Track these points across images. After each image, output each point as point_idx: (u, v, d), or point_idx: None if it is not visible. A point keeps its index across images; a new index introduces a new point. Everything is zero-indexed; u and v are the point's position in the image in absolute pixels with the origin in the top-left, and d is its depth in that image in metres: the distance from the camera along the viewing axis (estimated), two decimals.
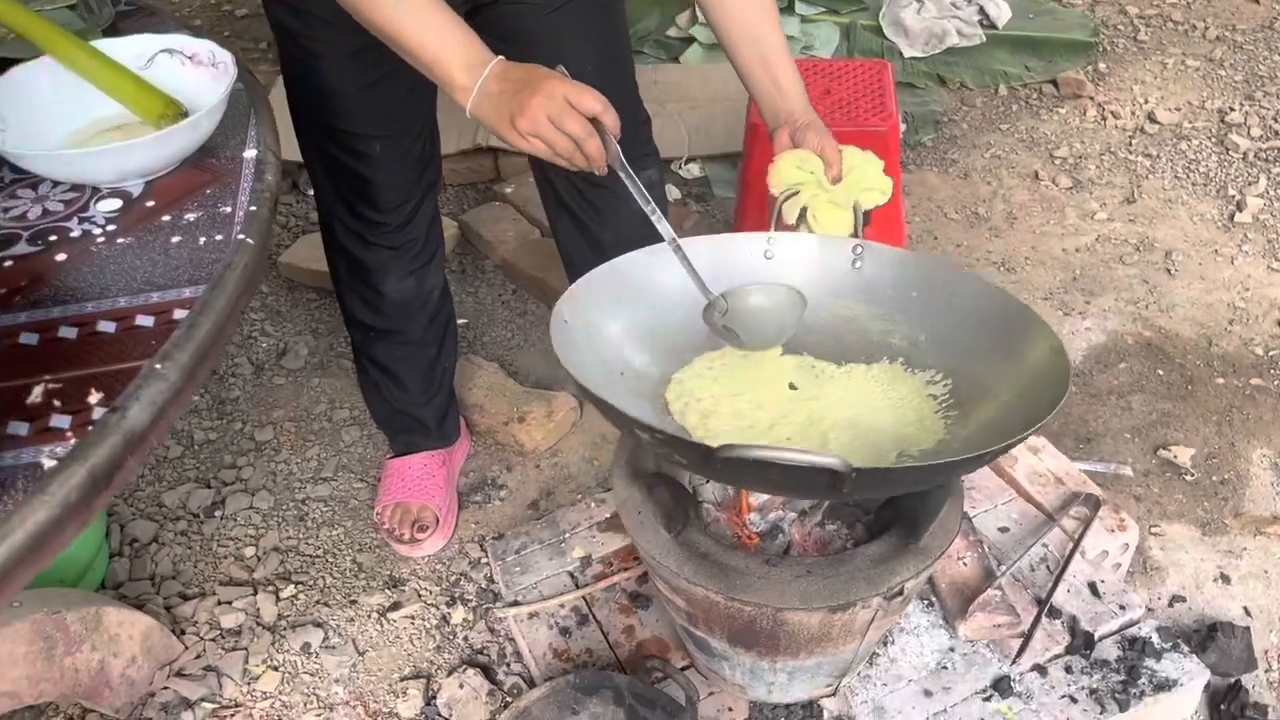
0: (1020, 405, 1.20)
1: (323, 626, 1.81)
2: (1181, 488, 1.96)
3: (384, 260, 1.73)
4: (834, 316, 1.42)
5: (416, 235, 1.73)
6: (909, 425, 1.27)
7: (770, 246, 1.43)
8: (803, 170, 1.41)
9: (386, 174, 1.61)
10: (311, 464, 2.13)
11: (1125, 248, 2.51)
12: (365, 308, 1.79)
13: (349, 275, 1.76)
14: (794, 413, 1.31)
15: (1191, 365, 2.21)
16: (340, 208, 1.68)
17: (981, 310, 1.32)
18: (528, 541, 1.82)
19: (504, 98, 1.18)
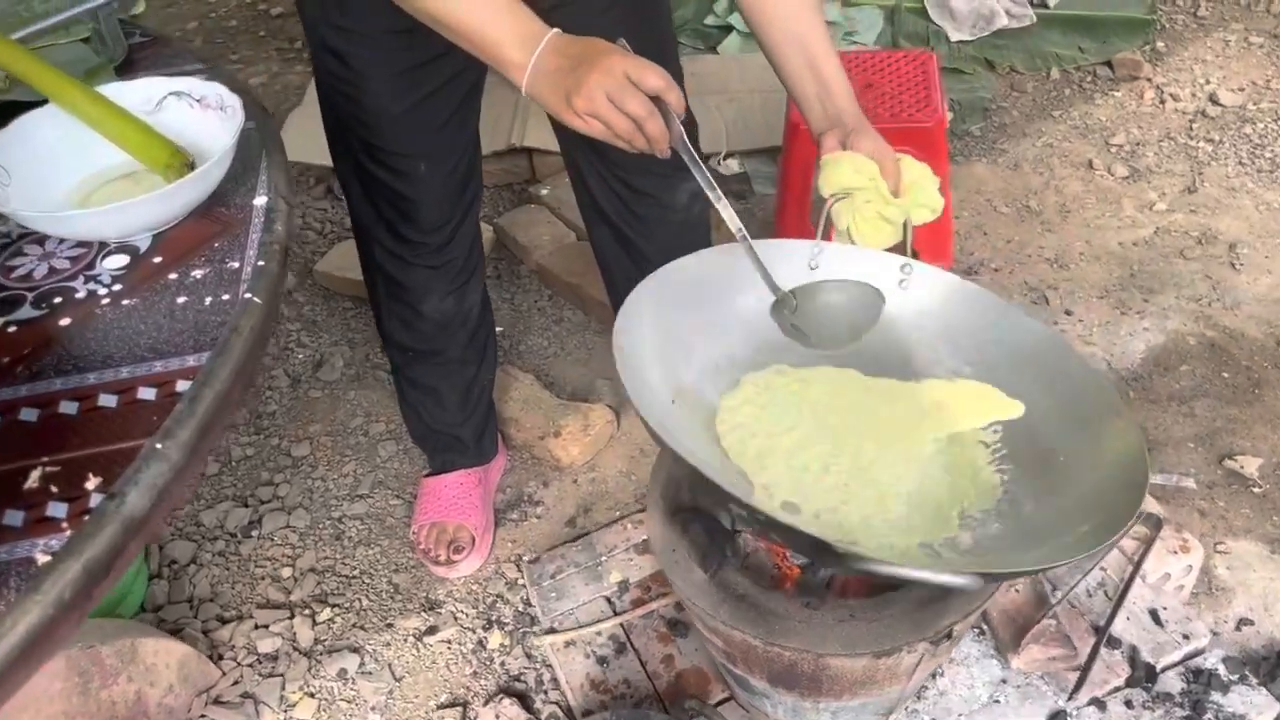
0: (1090, 493, 1.13)
1: (359, 651, 1.79)
2: (1249, 500, 1.87)
3: (424, 280, 1.68)
4: (877, 336, 1.34)
5: (457, 254, 1.69)
6: (964, 476, 1.20)
7: (817, 257, 1.35)
8: (860, 175, 1.31)
9: (430, 193, 1.57)
10: (348, 480, 2.11)
11: (1186, 240, 2.40)
12: (404, 329, 1.76)
13: (388, 297, 1.72)
14: (842, 454, 1.25)
15: (1259, 367, 2.10)
16: (380, 228, 1.63)
17: (1035, 356, 1.24)
18: (564, 565, 1.78)
19: (560, 75, 1.10)
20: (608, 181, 1.68)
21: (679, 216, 1.73)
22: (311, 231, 2.73)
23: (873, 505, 1.20)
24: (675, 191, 1.70)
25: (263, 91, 3.30)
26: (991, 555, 1.13)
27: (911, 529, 1.18)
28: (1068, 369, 1.22)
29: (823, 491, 1.23)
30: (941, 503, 1.18)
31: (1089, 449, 1.16)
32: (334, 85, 1.49)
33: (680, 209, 1.72)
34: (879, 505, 1.19)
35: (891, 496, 1.20)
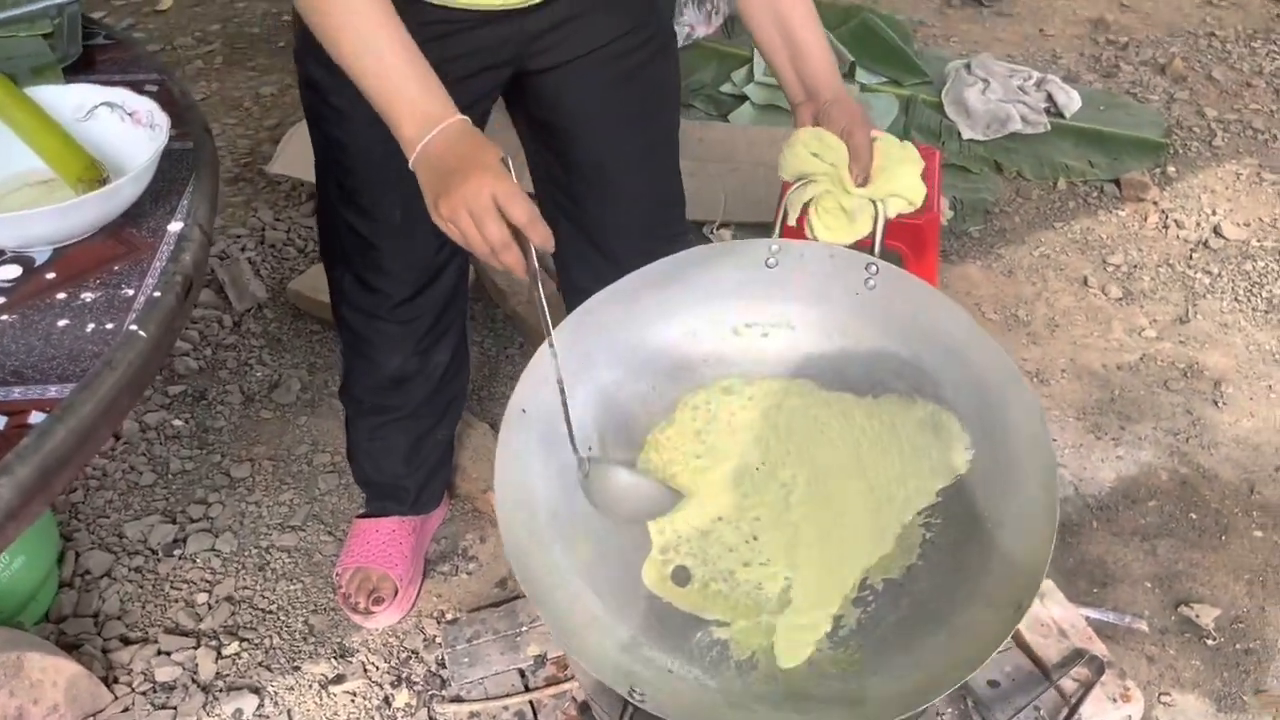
0: (981, 603, 1.07)
1: (259, 693, 1.72)
2: (1200, 652, 1.80)
3: (390, 337, 1.61)
4: (837, 345, 1.25)
5: (427, 312, 1.60)
6: (885, 532, 1.15)
7: (774, 254, 1.23)
8: (820, 159, 1.20)
9: (401, 244, 1.50)
10: (283, 509, 2.04)
11: (1172, 371, 2.35)
12: (363, 383, 1.70)
13: (349, 350, 1.67)
14: (763, 499, 1.20)
15: (1228, 512, 2.04)
16: (346, 275, 1.56)
17: (995, 392, 1.14)
18: (483, 630, 1.71)
19: (438, 173, 1.07)
20: (585, 241, 1.61)
21: (638, 191, 1.62)
22: (293, 248, 2.69)
23: (769, 572, 1.16)
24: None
25: (270, 102, 3.29)
26: (863, 651, 1.08)
27: (798, 608, 1.13)
28: (1019, 422, 1.12)
29: (723, 553, 1.18)
30: (850, 567, 1.12)
31: (1010, 529, 1.09)
32: (316, 120, 1.44)
33: None
34: (774, 572, 1.15)
35: (796, 557, 1.16)
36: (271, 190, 2.90)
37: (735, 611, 1.17)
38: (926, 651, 1.07)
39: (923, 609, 1.11)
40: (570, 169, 1.53)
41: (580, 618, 1.12)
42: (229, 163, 3.03)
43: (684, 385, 1.27)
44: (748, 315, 1.28)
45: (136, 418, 2.21)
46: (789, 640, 1.13)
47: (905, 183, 1.21)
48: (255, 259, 2.64)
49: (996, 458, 1.14)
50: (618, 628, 1.14)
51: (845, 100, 1.23)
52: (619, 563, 1.20)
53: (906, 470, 1.18)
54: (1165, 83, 3.36)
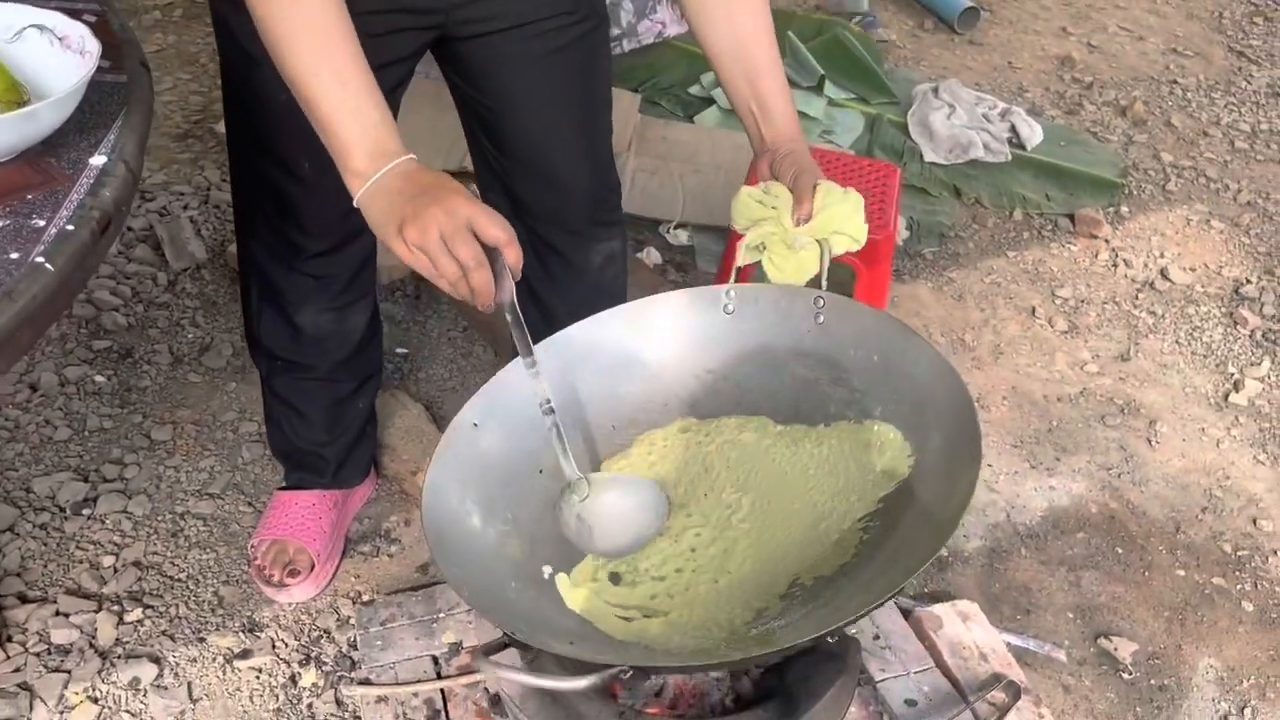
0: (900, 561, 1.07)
1: (160, 662, 1.65)
2: (1116, 685, 1.80)
3: (303, 289, 1.58)
4: (793, 378, 1.30)
5: (342, 270, 1.58)
6: (823, 538, 1.14)
7: (730, 299, 1.30)
8: (764, 206, 1.25)
9: (314, 196, 1.47)
10: (202, 475, 1.98)
11: (1110, 407, 2.37)
12: (274, 334, 1.65)
13: (260, 297, 1.62)
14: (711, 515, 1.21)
15: (1154, 549, 2.06)
16: (262, 225, 1.54)
17: (934, 396, 1.17)
18: (398, 614, 1.66)
19: (400, 199, 1.03)
20: (520, 228, 1.59)
21: (591, 280, 1.65)
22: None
23: (709, 573, 1.15)
24: (588, 253, 1.63)
25: None
26: (778, 632, 1.07)
27: (731, 600, 1.12)
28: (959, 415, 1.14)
29: (665, 556, 1.16)
30: (780, 571, 1.11)
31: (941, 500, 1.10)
32: (230, 66, 1.41)
33: (592, 272, 1.64)
34: (715, 573, 1.14)
35: (736, 561, 1.15)
36: (220, 150, 2.81)
37: (660, 608, 1.14)
38: (842, 605, 1.06)
39: (844, 589, 1.10)
40: (504, 150, 1.53)
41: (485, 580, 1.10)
42: (179, 118, 2.94)
43: (643, 425, 1.30)
44: (708, 361, 1.32)
45: (56, 370, 2.13)
46: (704, 627, 1.10)
47: (848, 222, 1.24)
48: (197, 218, 2.56)
49: (935, 453, 1.16)
50: (524, 594, 1.11)
51: (798, 152, 1.27)
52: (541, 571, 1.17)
53: (850, 486, 1.19)
54: (1125, 124, 3.40)
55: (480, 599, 1.06)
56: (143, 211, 2.55)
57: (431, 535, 1.09)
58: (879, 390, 1.22)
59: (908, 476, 1.16)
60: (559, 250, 1.61)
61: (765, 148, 1.29)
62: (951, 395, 1.15)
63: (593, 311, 1.31)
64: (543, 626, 1.07)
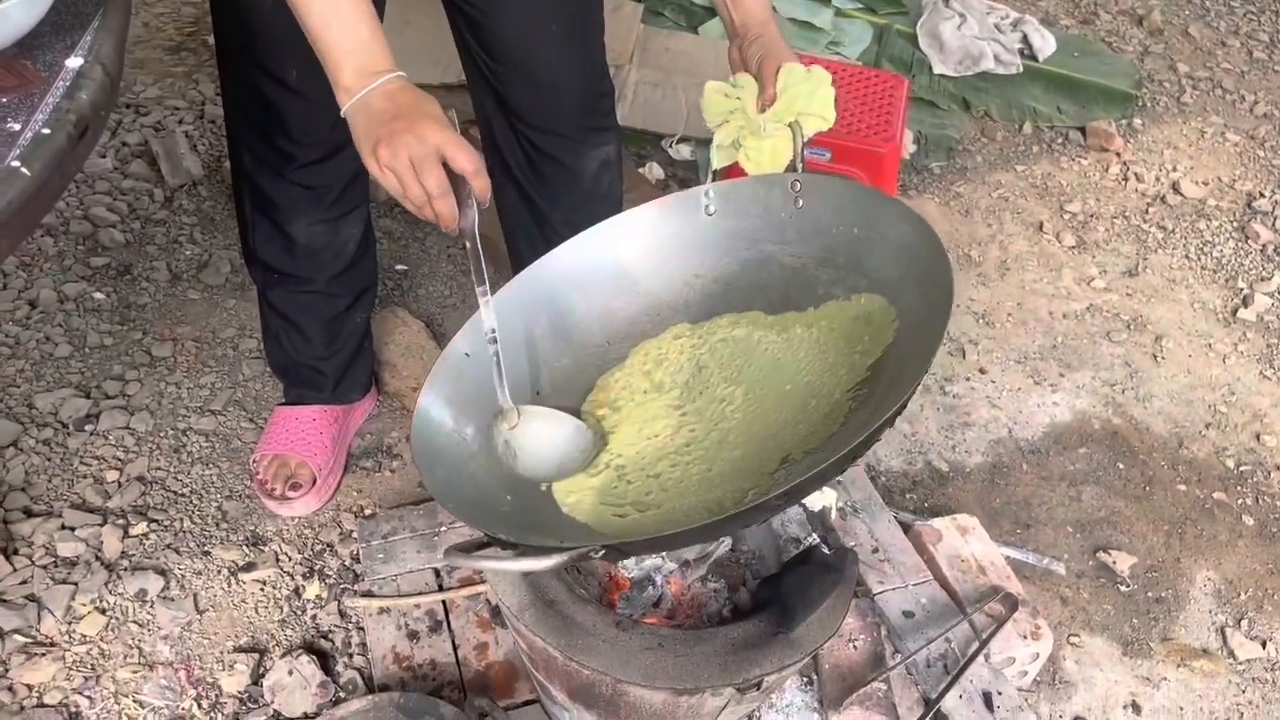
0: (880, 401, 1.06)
1: (166, 575, 1.67)
2: (1113, 598, 1.82)
3: (295, 199, 1.57)
4: (781, 269, 1.28)
5: (334, 180, 1.57)
6: (812, 414, 1.13)
7: (710, 200, 1.28)
8: (730, 97, 1.23)
9: (302, 103, 1.44)
10: (204, 392, 1.98)
11: (1116, 323, 2.35)
12: (269, 246, 1.63)
13: (254, 209, 1.60)
14: (707, 409, 1.20)
15: (1155, 464, 2.05)
16: (252, 134, 1.52)
17: (914, 256, 1.15)
18: (400, 527, 1.67)
19: (379, 119, 1.05)
20: (514, 136, 1.57)
21: (586, 186, 1.63)
22: None
23: (702, 464, 1.14)
24: (583, 158, 1.60)
25: None
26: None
27: (722, 483, 1.11)
28: (933, 267, 1.12)
29: (659, 455, 1.16)
30: (771, 450, 1.11)
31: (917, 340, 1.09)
32: None
33: (587, 178, 1.62)
34: (708, 462, 1.13)
35: (729, 448, 1.14)
36: (215, 63, 2.76)
37: (654, 503, 1.13)
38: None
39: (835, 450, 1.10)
40: (493, 54, 1.51)
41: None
42: (171, 30, 2.88)
43: (638, 337, 1.29)
44: (695, 265, 1.30)
45: (55, 287, 2.11)
46: (694, 513, 1.10)
47: (813, 101, 1.21)
48: (193, 133, 2.52)
49: (913, 306, 1.14)
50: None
51: (766, 36, 1.23)
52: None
53: (839, 360, 1.18)
54: (1141, 34, 3.31)
55: (469, 512, 1.06)
56: (137, 126, 2.51)
57: (422, 458, 1.09)
58: (863, 261, 1.21)
59: (892, 341, 1.15)
60: (553, 156, 1.59)
61: (735, 32, 1.26)
62: (924, 246, 1.14)
63: (587, 220, 1.29)
64: (534, 532, 1.07)
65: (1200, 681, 1.70)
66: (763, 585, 1.28)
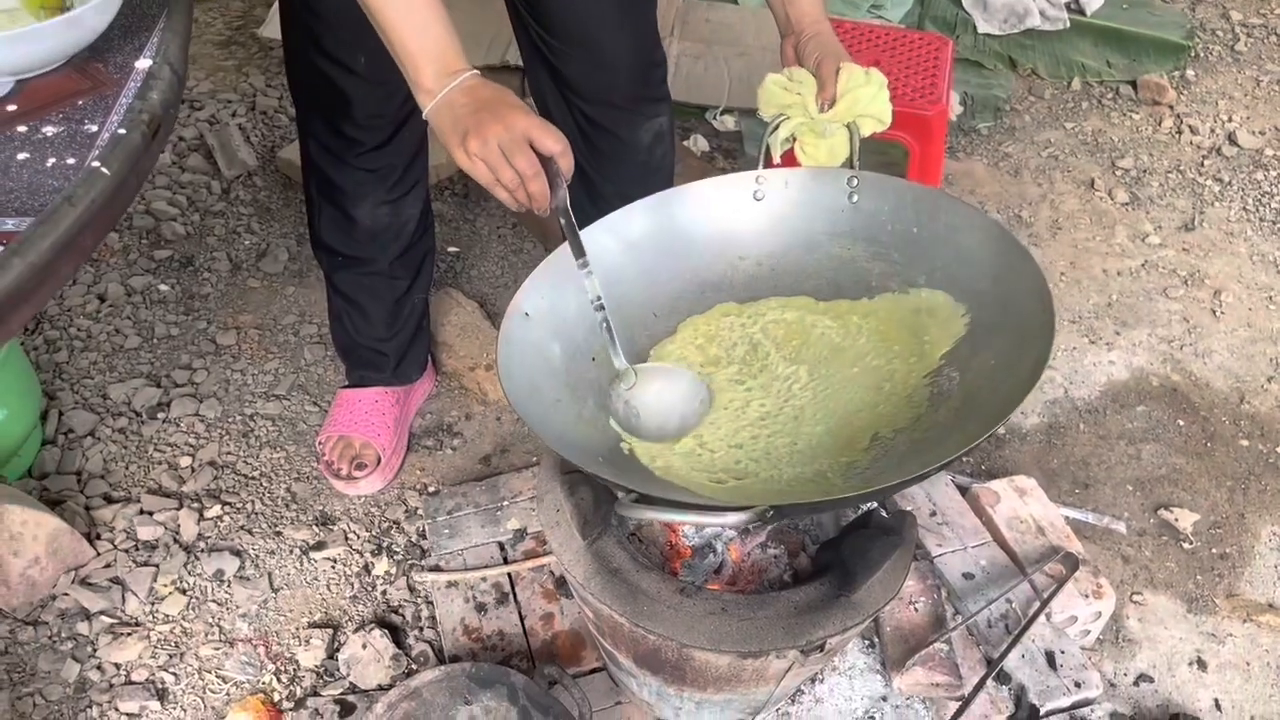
0: (991, 397, 1.08)
1: (241, 555, 1.73)
2: (1176, 555, 1.81)
3: (359, 183, 1.61)
4: (830, 258, 1.31)
5: (397, 160, 1.61)
6: (894, 395, 1.16)
7: (760, 186, 1.31)
8: (790, 91, 1.26)
9: (369, 89, 1.49)
10: (268, 377, 2.03)
11: (1172, 279, 2.32)
12: (334, 231, 1.68)
13: (320, 196, 1.65)
14: (773, 385, 1.22)
15: (1216, 420, 2.03)
16: (317, 121, 1.56)
17: (983, 253, 1.18)
18: (463, 503, 1.71)
19: (464, 113, 1.08)
20: (568, 110, 1.59)
21: (640, 158, 1.64)
22: (285, 116, 2.62)
23: (785, 437, 1.17)
24: (637, 130, 1.62)
25: None
26: (877, 479, 1.09)
27: (816, 457, 1.14)
28: (1013, 266, 1.15)
29: (736, 426, 1.18)
30: (858, 428, 1.14)
31: (1013, 352, 1.11)
32: None
33: (641, 149, 1.64)
34: (791, 436, 1.16)
35: (809, 424, 1.17)
36: (264, 55, 2.81)
37: (749, 471, 1.15)
38: (933, 454, 1.08)
39: (931, 436, 1.12)
40: (549, 29, 1.53)
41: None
42: (220, 25, 2.93)
43: (684, 312, 1.31)
44: (741, 248, 1.32)
45: (122, 281, 2.18)
46: (799, 483, 1.13)
47: (872, 104, 1.24)
48: (245, 125, 2.57)
49: (993, 308, 1.16)
50: None
51: (823, 35, 1.26)
52: None
53: (906, 349, 1.20)
54: None
55: (584, 460, 1.09)
56: (192, 121, 2.56)
57: (518, 406, 1.10)
58: (921, 259, 1.23)
59: (965, 335, 1.17)
60: (607, 128, 1.60)
61: (790, 29, 1.28)
62: (997, 247, 1.16)
63: (642, 191, 1.31)
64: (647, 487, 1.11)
65: (1267, 636, 1.69)
66: (822, 550, 1.29)
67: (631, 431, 1.19)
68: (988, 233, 1.19)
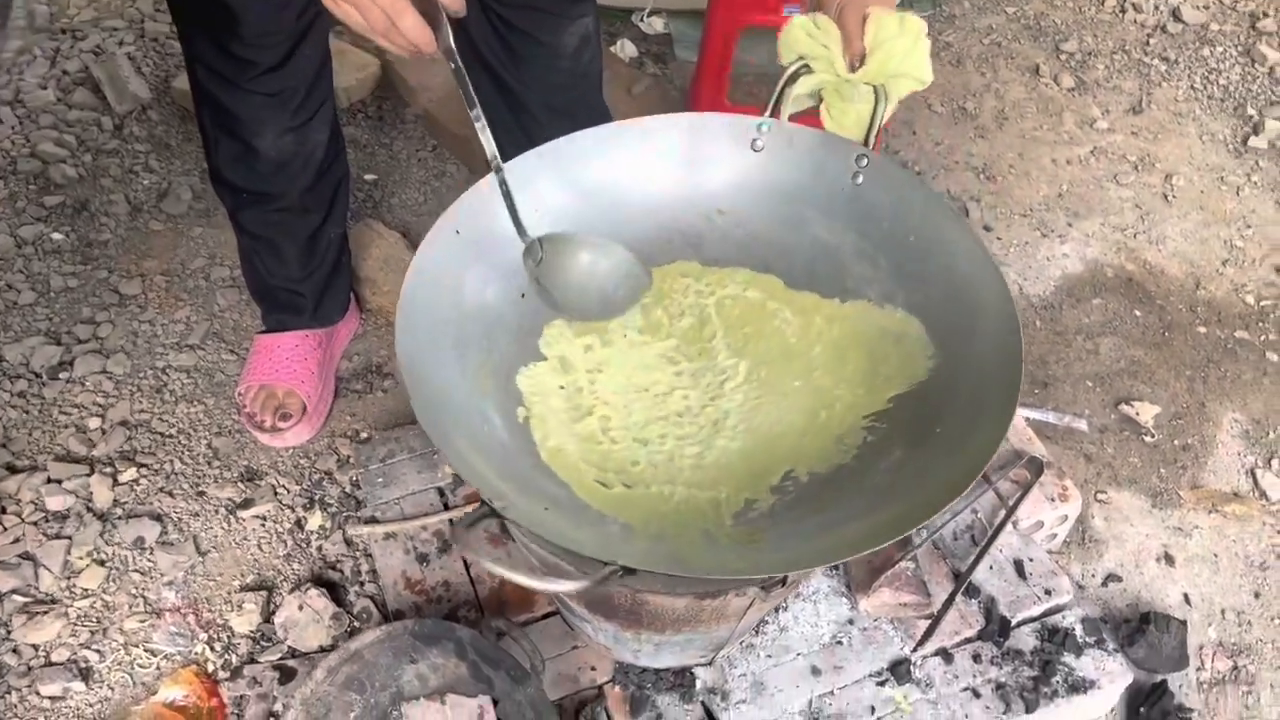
0: (917, 482, 0.96)
1: (162, 519, 1.62)
2: (1139, 449, 1.76)
3: (257, 109, 1.45)
4: (814, 241, 1.17)
5: (297, 83, 1.45)
6: (824, 431, 1.04)
7: (761, 136, 1.15)
8: (815, 41, 1.08)
9: (254, 3, 1.32)
10: (179, 327, 1.89)
11: (1123, 165, 2.25)
12: (235, 165, 1.52)
13: (215, 126, 1.48)
14: (704, 377, 1.10)
15: (1173, 309, 1.98)
16: (202, 42, 1.40)
17: (970, 296, 1.04)
18: (396, 449, 1.60)
19: None
20: (486, 18, 1.44)
21: (565, 64, 1.50)
22: (178, 42, 2.42)
23: (695, 444, 1.05)
24: (560, 34, 1.48)
25: None
26: (766, 533, 0.99)
27: (718, 479, 1.03)
28: (998, 329, 1.02)
29: (650, 417, 1.08)
30: (775, 457, 1.03)
31: (964, 433, 0.98)
32: None
33: (567, 55, 1.50)
34: (703, 444, 1.05)
35: (726, 435, 1.06)
36: None
37: (641, 478, 1.06)
38: (829, 537, 0.98)
39: (840, 503, 1.01)
40: None
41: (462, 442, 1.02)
42: None
43: (643, 259, 1.15)
44: (723, 200, 1.18)
45: (10, 231, 2.01)
46: (688, 509, 1.03)
47: (907, 60, 1.05)
48: (135, 55, 2.37)
49: (959, 365, 1.03)
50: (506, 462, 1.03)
51: None
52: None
53: (859, 375, 1.08)
54: None
55: (461, 461, 0.97)
56: (75, 53, 2.36)
57: (407, 374, 1.00)
58: (907, 275, 1.09)
59: (924, 380, 1.04)
60: (529, 33, 1.46)
61: None
62: (991, 301, 1.01)
63: (567, 103, 1.18)
64: (517, 481, 1.00)
65: (1233, 526, 1.66)
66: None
67: (550, 306, 1.08)
68: (985, 275, 1.03)
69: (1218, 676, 1.49)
